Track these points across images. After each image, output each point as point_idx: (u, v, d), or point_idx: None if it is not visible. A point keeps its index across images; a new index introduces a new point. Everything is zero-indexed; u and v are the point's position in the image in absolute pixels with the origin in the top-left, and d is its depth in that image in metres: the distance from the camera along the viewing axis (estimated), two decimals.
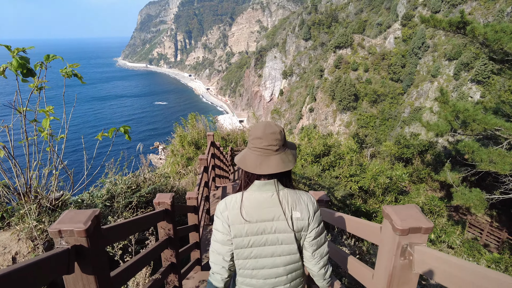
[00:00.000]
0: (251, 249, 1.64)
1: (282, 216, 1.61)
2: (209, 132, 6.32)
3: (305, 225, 1.65)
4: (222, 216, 1.64)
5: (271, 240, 1.63)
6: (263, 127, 1.62)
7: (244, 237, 1.62)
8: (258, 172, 1.58)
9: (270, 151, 1.59)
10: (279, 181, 1.65)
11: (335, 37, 74.06)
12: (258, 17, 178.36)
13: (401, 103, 59.94)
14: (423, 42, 58.72)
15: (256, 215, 1.61)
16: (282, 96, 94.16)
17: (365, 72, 65.20)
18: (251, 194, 1.64)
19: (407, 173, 10.64)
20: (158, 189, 3.94)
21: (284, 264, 1.68)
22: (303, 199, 1.67)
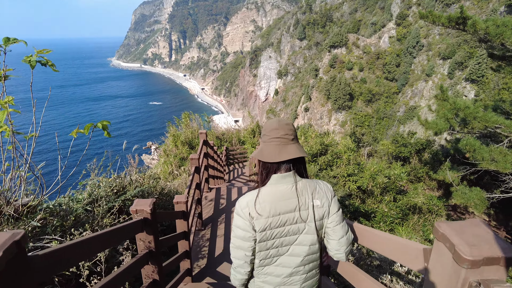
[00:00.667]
0: (273, 240, 1.68)
1: (304, 206, 1.66)
2: (201, 130, 5.91)
3: (326, 211, 1.69)
4: (243, 213, 1.67)
5: (293, 230, 1.67)
6: (277, 120, 1.72)
7: (267, 230, 1.65)
8: (278, 160, 1.62)
9: (287, 140, 1.66)
10: (296, 171, 1.69)
11: (329, 36, 74.04)
12: (253, 17, 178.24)
13: (396, 102, 60.09)
14: (418, 41, 58.92)
15: (279, 208, 1.64)
16: (277, 96, 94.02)
17: (360, 71, 65.28)
18: (272, 188, 1.67)
19: (405, 172, 10.45)
20: (147, 191, 3.67)
21: (303, 254, 1.72)
22: (320, 187, 1.72)
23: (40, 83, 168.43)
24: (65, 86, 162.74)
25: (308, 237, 1.69)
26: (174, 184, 7.20)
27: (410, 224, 10.28)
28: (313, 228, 1.68)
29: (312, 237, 1.69)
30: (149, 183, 4.04)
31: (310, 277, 1.82)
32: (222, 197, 6.36)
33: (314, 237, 1.70)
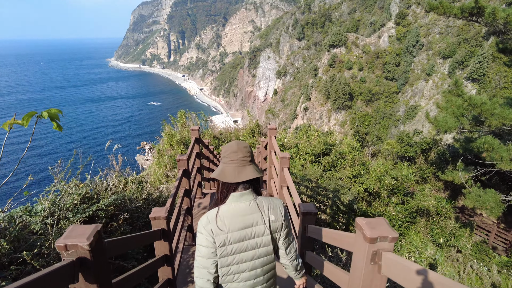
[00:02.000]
0: (233, 256, 1.80)
1: (260, 221, 1.82)
2: (193, 126, 5.02)
3: (279, 225, 1.89)
4: (205, 230, 1.77)
5: (251, 244, 1.82)
6: (236, 143, 1.87)
7: (227, 245, 1.77)
8: (238, 180, 1.78)
9: (245, 162, 1.83)
10: (253, 189, 1.86)
11: (329, 36, 73.59)
12: (252, 17, 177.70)
13: (396, 102, 59.62)
14: (418, 41, 58.49)
15: (238, 224, 1.78)
16: (276, 96, 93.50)
17: (360, 71, 64.80)
18: (231, 205, 1.81)
19: (413, 173, 9.93)
20: (128, 198, 3.15)
21: (262, 265, 1.88)
22: (275, 203, 1.91)
23: (37, 84, 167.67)
24: (64, 87, 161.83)
25: (265, 249, 1.86)
26: (168, 187, 6.66)
27: (418, 227, 9.78)
28: (269, 240, 1.86)
29: (268, 248, 1.87)
30: (132, 189, 3.50)
31: (269, 285, 1.97)
32: None
33: (270, 248, 1.88)
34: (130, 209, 3.14)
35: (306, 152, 8.63)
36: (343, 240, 2.15)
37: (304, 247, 2.80)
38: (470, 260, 10.19)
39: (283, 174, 3.98)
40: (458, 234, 9.89)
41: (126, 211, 3.07)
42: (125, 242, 1.82)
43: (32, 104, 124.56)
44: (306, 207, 2.70)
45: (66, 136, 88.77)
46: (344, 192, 6.81)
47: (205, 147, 6.45)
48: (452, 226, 9.97)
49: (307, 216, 2.67)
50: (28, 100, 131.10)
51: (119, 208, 3.02)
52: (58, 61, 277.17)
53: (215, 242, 1.76)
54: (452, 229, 10.00)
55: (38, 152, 78.35)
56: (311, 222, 2.67)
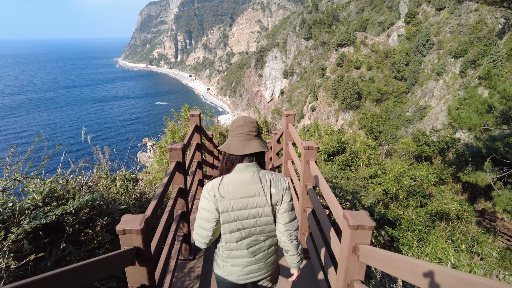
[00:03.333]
0: (236, 222, 1.93)
1: (262, 192, 1.93)
2: (193, 111, 4.15)
3: (280, 198, 1.99)
4: (209, 196, 1.89)
5: (253, 213, 1.95)
6: (243, 118, 1.99)
7: (230, 212, 1.90)
8: (242, 153, 1.89)
9: (251, 136, 1.93)
10: (257, 163, 1.97)
11: (337, 35, 72.71)
12: (259, 17, 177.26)
13: (405, 102, 58.55)
14: (428, 40, 57.36)
15: (241, 192, 1.90)
16: (283, 96, 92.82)
17: (368, 70, 63.82)
18: (236, 175, 1.92)
19: (433, 174, 9.23)
20: (112, 198, 2.57)
21: (263, 233, 2.02)
22: (277, 178, 2.02)
23: (46, 83, 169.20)
24: (73, 86, 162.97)
25: (265, 219, 1.99)
26: None
27: (438, 232, 9.09)
28: (270, 211, 1.98)
29: (269, 219, 2.00)
30: (118, 187, 2.92)
31: (271, 253, 2.13)
32: None
33: (270, 218, 2.00)
34: (113, 212, 2.60)
35: (318, 150, 8.02)
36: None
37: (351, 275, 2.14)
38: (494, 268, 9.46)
39: (309, 170, 3.06)
40: (481, 240, 9.20)
41: (108, 215, 2.51)
42: None
43: (41, 103, 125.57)
44: (358, 217, 2.04)
45: (76, 136, 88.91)
46: (364, 194, 6.18)
47: (208, 140, 5.70)
48: (474, 231, 9.28)
49: (359, 231, 2.00)
50: (38, 99, 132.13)
51: (97, 211, 2.48)
52: (66, 60, 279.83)
53: (218, 208, 1.89)
54: (474, 234, 9.31)
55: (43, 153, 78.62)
56: (366, 239, 2.01)
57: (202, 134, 4.50)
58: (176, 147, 2.66)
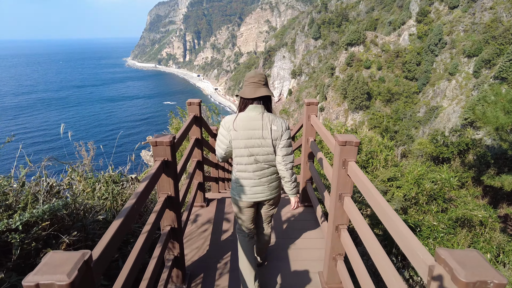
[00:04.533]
0: (244, 149, 2.45)
1: (265, 127, 2.43)
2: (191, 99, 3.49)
3: (279, 135, 2.46)
4: (225, 126, 2.48)
5: (257, 143, 2.45)
6: (254, 71, 2.60)
7: (240, 140, 2.44)
8: (253, 96, 2.43)
9: (260, 84, 2.47)
10: (264, 106, 2.50)
11: (346, 34, 71.74)
12: (267, 17, 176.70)
13: (416, 102, 57.37)
14: (440, 39, 56.10)
15: (248, 126, 2.43)
16: (291, 96, 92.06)
17: (378, 70, 62.74)
18: (247, 113, 2.46)
19: (455, 177, 8.56)
20: (83, 207, 2.03)
21: (265, 161, 2.50)
22: (279, 119, 2.51)
23: (56, 83, 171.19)
24: (82, 86, 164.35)
25: (267, 149, 2.48)
26: None
27: (460, 240, 8.45)
28: (270, 143, 2.46)
29: (269, 149, 2.48)
30: (96, 192, 2.38)
31: (274, 179, 2.61)
32: (228, 215, 3.91)
33: (271, 149, 2.49)
34: (87, 224, 2.04)
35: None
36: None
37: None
38: None
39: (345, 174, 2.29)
40: (507, 249, 8.52)
41: (80, 228, 1.95)
42: None
43: (52, 102, 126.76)
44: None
45: (86, 136, 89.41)
46: (391, 199, 5.59)
47: (212, 136, 4.90)
48: (499, 239, 8.60)
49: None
50: (48, 98, 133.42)
51: (65, 225, 1.94)
52: (76, 60, 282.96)
53: (231, 137, 2.44)
54: (499, 242, 8.63)
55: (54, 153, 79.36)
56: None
57: (203, 127, 3.78)
58: (163, 140, 2.03)
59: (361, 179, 2.07)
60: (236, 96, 2.73)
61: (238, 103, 2.62)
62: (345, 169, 2.33)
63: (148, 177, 1.67)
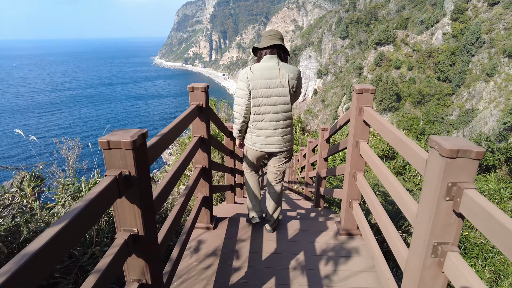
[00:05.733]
0: (261, 98, 2.53)
1: (281, 75, 2.52)
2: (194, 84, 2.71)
3: (295, 83, 2.60)
4: (243, 78, 2.54)
5: (274, 92, 2.53)
6: (271, 28, 3.02)
7: (258, 89, 2.51)
8: (268, 45, 2.56)
9: (275, 37, 2.61)
10: (278, 57, 2.60)
11: (376, 33, 69.48)
12: (293, 16, 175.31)
13: (449, 105, 54.56)
14: (478, 38, 52.97)
15: (266, 75, 2.51)
16: (316, 96, 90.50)
17: (409, 70, 60.24)
18: (262, 63, 2.57)
19: (506, 187, 7.54)
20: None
21: (282, 111, 2.60)
22: (293, 67, 2.61)
23: (87, 80, 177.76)
24: (112, 84, 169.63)
25: (284, 98, 2.56)
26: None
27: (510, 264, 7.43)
28: (287, 91, 2.55)
29: (286, 98, 2.58)
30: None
31: (288, 132, 2.70)
32: (243, 243, 2.88)
33: (288, 98, 2.58)
34: None
35: None
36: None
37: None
38: None
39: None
40: None
41: None
42: None
43: (83, 99, 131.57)
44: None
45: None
46: None
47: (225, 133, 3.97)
48: None
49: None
50: (80, 95, 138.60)
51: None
52: (106, 58, 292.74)
53: (249, 86, 2.51)
54: None
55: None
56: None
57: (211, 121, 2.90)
58: (120, 140, 1.22)
59: None
60: (253, 52, 2.73)
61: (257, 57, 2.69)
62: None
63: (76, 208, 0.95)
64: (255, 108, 2.54)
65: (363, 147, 2.58)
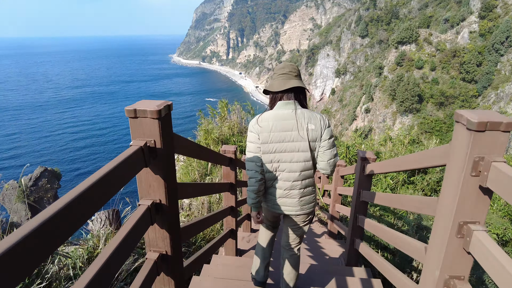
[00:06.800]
0: (274, 154, 2.08)
1: (300, 127, 2.04)
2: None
3: (318, 135, 2.07)
4: (253, 128, 2.12)
5: (290, 147, 2.06)
6: (284, 62, 2.20)
7: (269, 143, 2.07)
8: (282, 89, 2.06)
9: (291, 75, 2.10)
10: (296, 100, 2.12)
11: (397, 32, 67.25)
12: (312, 14, 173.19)
13: (475, 107, 52.10)
14: (508, 36, 50.22)
15: (279, 126, 2.05)
16: (334, 96, 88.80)
17: (432, 70, 57.93)
18: (276, 111, 2.09)
19: None
20: None
21: (300, 169, 2.10)
22: (316, 116, 2.10)
23: (106, 77, 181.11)
24: (130, 81, 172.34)
25: (303, 155, 2.08)
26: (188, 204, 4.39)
27: None
28: (307, 146, 2.06)
29: (306, 154, 2.08)
30: None
31: (307, 193, 2.20)
32: None
33: (308, 154, 2.08)
34: None
35: None
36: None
37: None
38: None
39: None
40: None
41: None
42: None
43: (103, 96, 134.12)
44: None
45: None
46: None
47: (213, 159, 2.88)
48: None
49: None
50: (99, 92, 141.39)
51: None
52: (126, 56, 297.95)
53: (260, 139, 2.08)
54: None
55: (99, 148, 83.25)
56: None
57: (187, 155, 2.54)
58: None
59: None
60: (265, 93, 2.24)
61: (269, 100, 2.23)
62: None
63: None
64: (267, 165, 2.13)
65: None
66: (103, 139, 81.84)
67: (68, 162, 66.56)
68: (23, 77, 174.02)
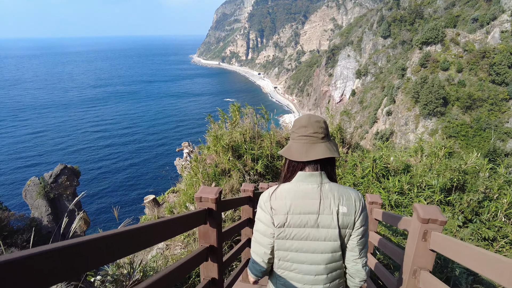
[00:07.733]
0: (292, 241, 1.59)
1: (328, 210, 1.54)
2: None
3: (351, 221, 1.57)
4: (265, 206, 1.62)
5: (314, 235, 1.56)
6: (307, 116, 1.63)
7: (286, 227, 1.57)
8: (304, 159, 1.56)
9: (316, 139, 1.58)
10: (324, 171, 1.60)
11: (422, 31, 64.80)
12: (333, 15, 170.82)
13: (505, 111, 49.44)
14: None
15: (300, 207, 1.55)
16: (354, 97, 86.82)
17: (458, 72, 55.43)
18: (295, 185, 1.59)
19: None
20: None
21: (326, 262, 1.60)
22: (350, 193, 1.59)
23: (128, 77, 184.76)
24: (151, 81, 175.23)
25: (331, 244, 1.57)
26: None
27: None
28: (336, 235, 1.55)
29: (334, 244, 1.57)
30: None
31: (334, 286, 1.67)
32: None
33: (337, 244, 1.57)
34: None
35: (428, 185, 5.05)
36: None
37: None
38: None
39: None
40: None
41: None
42: None
43: (124, 95, 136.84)
44: None
45: (156, 130, 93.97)
46: None
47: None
48: None
49: None
50: (121, 92, 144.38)
51: None
52: (147, 56, 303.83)
53: (274, 222, 1.58)
54: None
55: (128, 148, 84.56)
56: None
57: None
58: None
59: None
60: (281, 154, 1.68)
61: (283, 166, 1.70)
62: None
63: None
64: (281, 252, 1.61)
65: None
66: (124, 139, 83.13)
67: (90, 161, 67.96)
68: (50, 76, 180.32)
